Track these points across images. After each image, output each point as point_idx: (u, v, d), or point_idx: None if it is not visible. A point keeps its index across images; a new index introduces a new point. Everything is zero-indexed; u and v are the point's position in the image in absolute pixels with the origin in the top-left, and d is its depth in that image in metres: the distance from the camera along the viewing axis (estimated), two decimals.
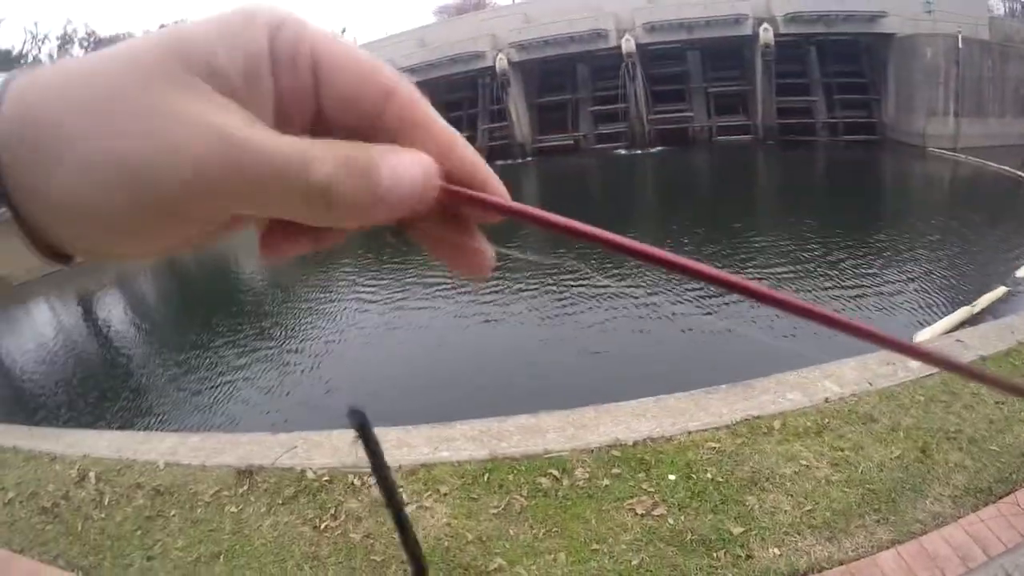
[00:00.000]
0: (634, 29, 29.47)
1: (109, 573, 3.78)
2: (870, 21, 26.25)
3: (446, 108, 36.67)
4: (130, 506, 4.36)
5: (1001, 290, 8.22)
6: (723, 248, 12.92)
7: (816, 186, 22.59)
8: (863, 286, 9.73)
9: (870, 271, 10.43)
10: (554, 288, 11.45)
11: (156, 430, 7.63)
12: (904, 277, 10.00)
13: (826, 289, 9.76)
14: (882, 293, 9.39)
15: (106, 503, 4.43)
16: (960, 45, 23.41)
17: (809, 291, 9.77)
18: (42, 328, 17.45)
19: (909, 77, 24.81)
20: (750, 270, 11.26)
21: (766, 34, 26.88)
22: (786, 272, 10.90)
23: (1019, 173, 16.95)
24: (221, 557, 3.73)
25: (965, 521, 3.20)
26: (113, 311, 18.41)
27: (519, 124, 32.84)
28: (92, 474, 4.76)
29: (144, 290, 21.02)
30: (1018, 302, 8.00)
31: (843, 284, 9.87)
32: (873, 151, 25.12)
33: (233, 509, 4.12)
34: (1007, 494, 3.34)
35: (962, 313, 7.62)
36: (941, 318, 7.74)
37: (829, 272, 10.53)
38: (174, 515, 4.19)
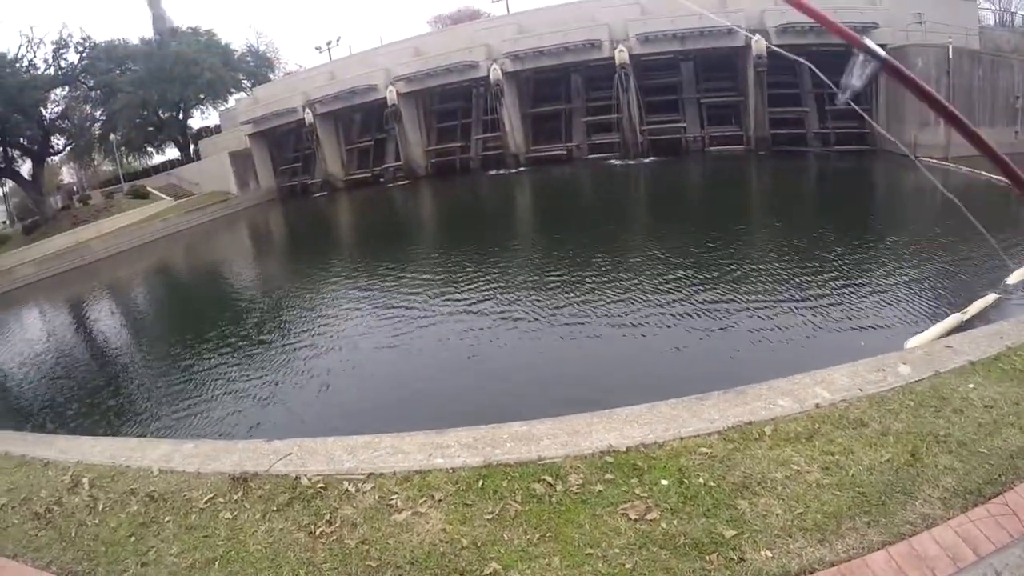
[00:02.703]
0: (628, 40, 29.74)
1: None
2: (862, 32, 26.44)
3: (439, 117, 37.00)
4: (124, 512, 4.37)
5: (992, 297, 8.27)
6: (717, 254, 13.00)
7: (807, 195, 22.76)
8: (854, 294, 9.79)
9: (861, 279, 10.50)
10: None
11: (150, 437, 7.62)
12: (895, 284, 10.06)
13: (818, 297, 9.82)
14: (874, 301, 9.45)
15: (100, 509, 4.44)
16: (951, 55, 23.76)
17: (800, 300, 9.84)
18: (33, 334, 17.40)
19: (898, 88, 25.00)
20: (743, 273, 11.36)
21: (758, 45, 27.14)
22: (778, 278, 10.97)
23: (1007, 182, 17.05)
24: (216, 563, 3.74)
25: (955, 522, 3.22)
26: (105, 317, 18.39)
27: (512, 134, 33.04)
28: (85, 480, 4.77)
29: (137, 297, 21.01)
30: (1008, 308, 8.06)
31: (834, 292, 9.93)
32: (865, 161, 25.37)
33: (228, 516, 4.13)
34: (996, 495, 3.36)
35: (953, 320, 7.68)
36: (932, 325, 7.80)
37: (820, 280, 10.59)
38: (168, 521, 4.20)
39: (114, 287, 22.04)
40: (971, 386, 4.33)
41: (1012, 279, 8.91)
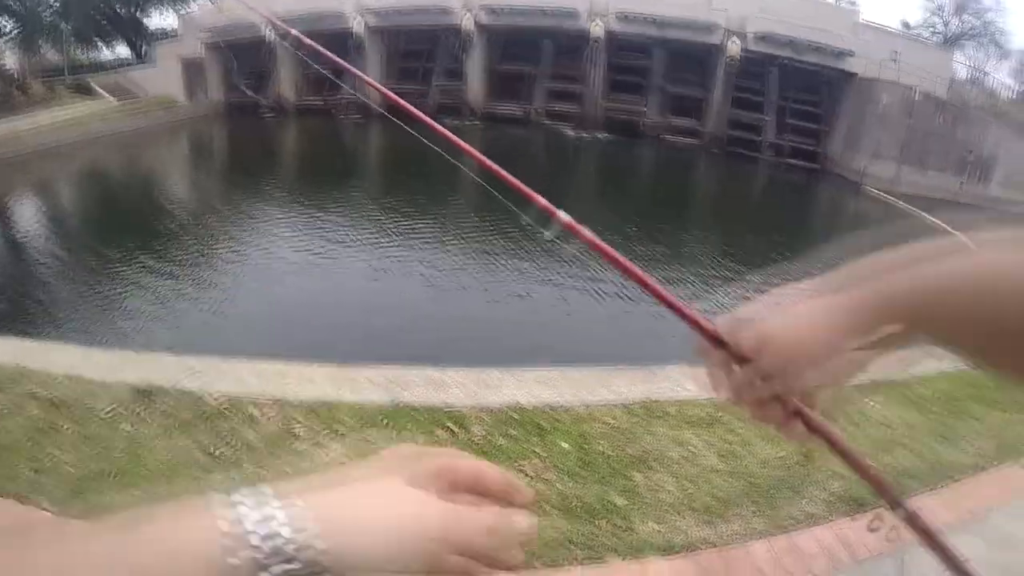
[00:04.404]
0: (607, 15, 29.54)
1: None
2: (837, 57, 27.20)
3: (403, 58, 36.04)
4: (22, 416, 4.18)
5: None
6: (639, 240, 13.30)
7: (751, 200, 23.40)
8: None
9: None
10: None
11: (60, 341, 7.37)
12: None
13: (738, 299, 10.17)
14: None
15: None
16: (916, 98, 24.50)
17: (721, 299, 10.17)
18: None
19: (861, 117, 25.88)
20: (660, 266, 11.69)
21: (734, 47, 27.42)
22: (687, 273, 11.34)
23: (945, 226, 17.86)
24: (112, 476, 3.66)
25: (836, 525, 3.40)
26: (27, 215, 17.52)
27: (473, 87, 32.57)
28: None
29: (64, 198, 20.05)
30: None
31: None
32: (812, 179, 26.11)
33: (128, 428, 4.05)
34: (879, 507, 3.59)
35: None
36: None
37: (741, 287, 10.95)
38: (67, 429, 4.06)
39: (42, 185, 20.93)
40: (871, 404, 4.57)
41: None
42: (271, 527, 0.40)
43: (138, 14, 43.78)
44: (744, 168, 27.38)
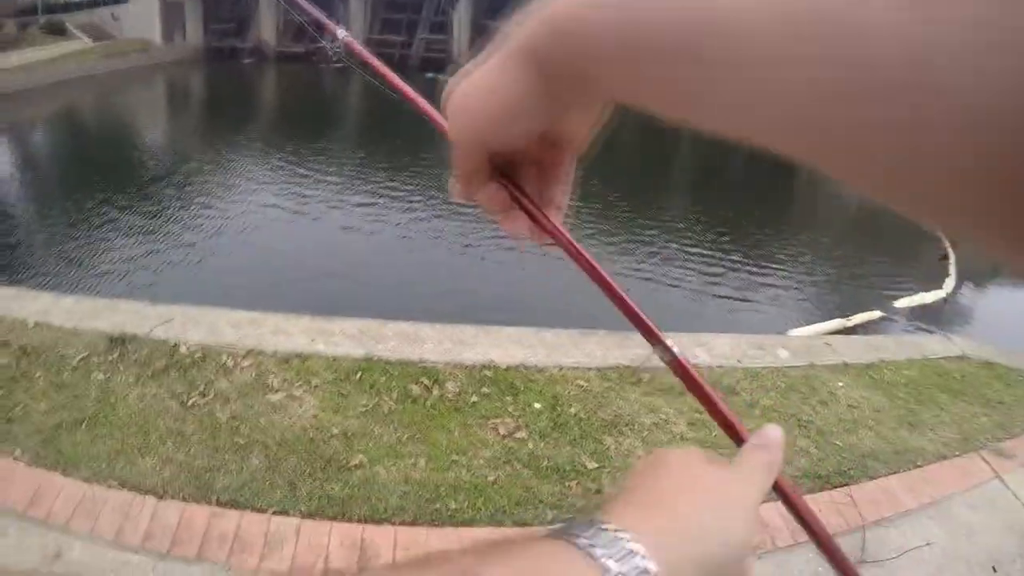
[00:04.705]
0: None
1: None
2: None
3: (387, 8, 35.13)
4: None
5: (877, 313, 8.81)
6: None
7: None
8: (751, 276, 10.25)
9: (756, 266, 10.91)
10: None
11: (31, 288, 7.28)
12: (790, 276, 10.61)
13: (719, 269, 10.28)
14: (767, 286, 9.95)
15: None
16: None
17: (702, 268, 10.27)
18: None
19: None
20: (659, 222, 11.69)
21: None
22: (690, 242, 11.39)
23: None
24: (84, 424, 3.66)
25: (799, 501, 3.52)
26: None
27: (459, 40, 31.95)
28: None
29: (34, 142, 19.55)
30: (889, 327, 8.62)
31: (733, 269, 10.35)
32: None
33: (101, 376, 4.04)
34: (842, 485, 3.65)
35: (836, 323, 8.16)
36: (817, 322, 8.30)
37: (726, 255, 11.06)
38: (39, 377, 4.04)
39: (11, 128, 20.33)
40: (840, 384, 4.65)
41: (900, 303, 9.47)
42: (636, 564, 0.34)
43: None
44: None
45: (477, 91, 0.43)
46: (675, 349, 0.52)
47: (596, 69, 0.36)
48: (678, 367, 0.52)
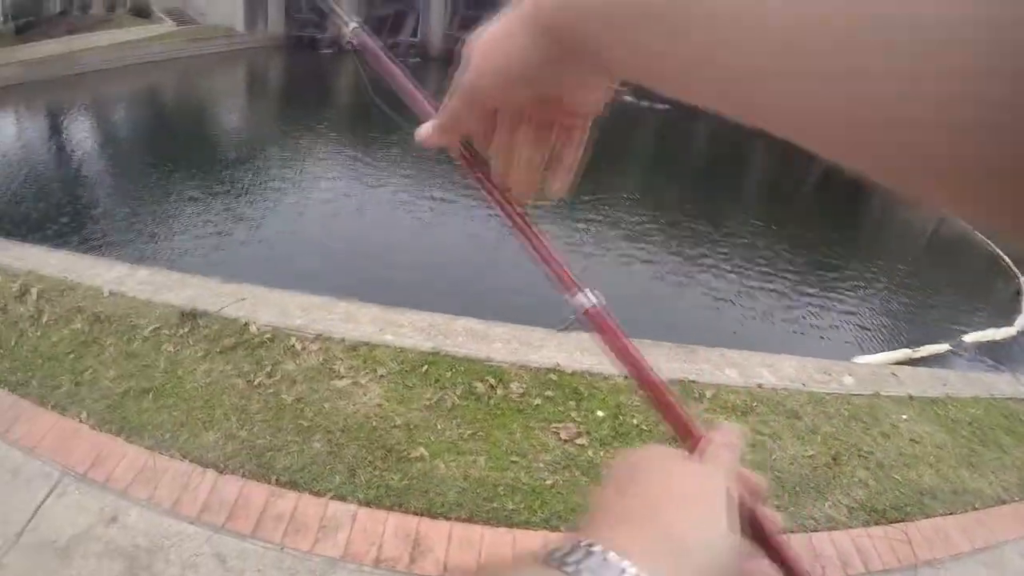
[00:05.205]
0: None
1: (35, 392, 3.73)
2: None
3: (468, 4, 35.07)
4: (67, 328, 4.28)
5: (944, 347, 8.45)
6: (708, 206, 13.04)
7: (809, 195, 22.73)
8: (820, 299, 9.93)
9: (825, 290, 10.59)
10: None
11: (107, 257, 7.51)
12: (860, 302, 10.25)
13: (789, 292, 10.00)
14: (836, 311, 9.63)
15: (44, 322, 4.34)
16: None
17: (772, 289, 9.98)
18: (5, 138, 16.80)
19: None
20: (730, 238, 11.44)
21: None
22: (762, 259, 11.08)
23: (999, 251, 16.92)
24: (151, 394, 3.73)
25: (854, 532, 3.38)
26: (81, 133, 17.82)
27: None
28: (34, 290, 4.64)
29: (117, 118, 20.35)
30: (955, 362, 8.25)
31: (802, 293, 10.05)
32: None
33: (170, 349, 4.11)
34: (898, 521, 3.52)
35: (902, 354, 7.84)
36: (883, 352, 7.98)
37: (797, 277, 10.76)
38: (110, 344, 4.14)
39: (98, 104, 21.21)
40: (904, 417, 4.45)
41: (969, 338, 9.07)
42: None
43: None
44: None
45: (493, 51, 0.44)
46: (595, 299, 0.51)
47: (593, 41, 0.37)
48: (594, 319, 0.51)
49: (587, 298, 0.52)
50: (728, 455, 0.47)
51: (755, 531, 0.47)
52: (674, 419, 0.50)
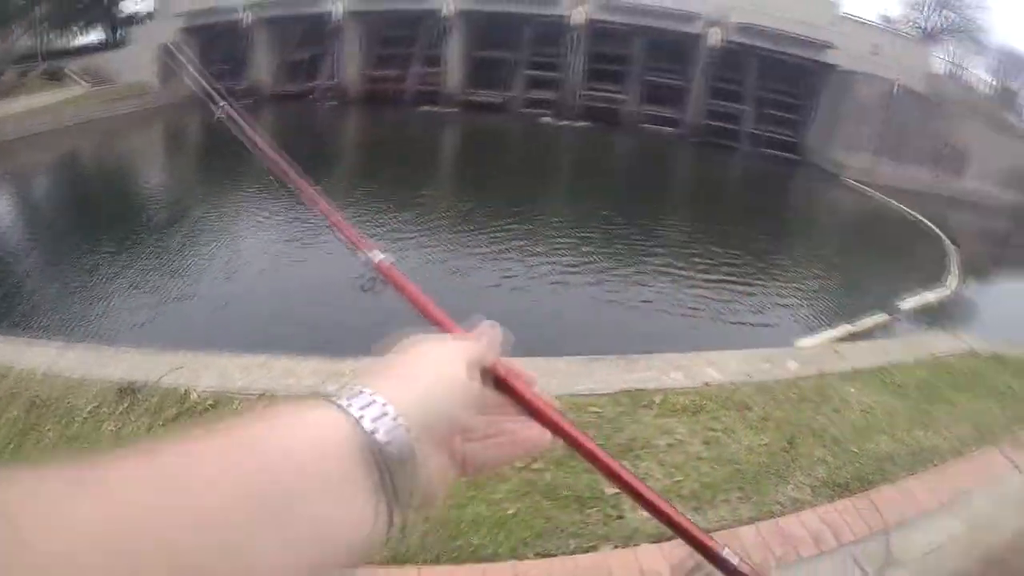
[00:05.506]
0: (587, 2, 29.44)
1: None
2: (819, 50, 27.39)
3: (383, 44, 35.51)
4: (3, 417, 4.09)
5: (882, 316, 8.81)
6: (625, 233, 13.35)
7: (728, 190, 23.57)
8: (752, 293, 10.28)
9: (761, 279, 11.01)
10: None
11: (38, 336, 7.25)
12: (796, 289, 10.63)
13: (716, 289, 10.28)
14: (773, 300, 9.97)
15: None
16: (895, 91, 24.77)
17: (705, 289, 10.29)
18: None
19: (840, 108, 26.16)
20: (652, 252, 11.75)
21: (714, 37, 27.47)
22: (679, 267, 11.39)
23: (920, 217, 18.18)
24: None
25: (821, 509, 3.44)
26: (1, 206, 17.12)
27: (452, 73, 32.38)
28: None
29: (35, 190, 19.63)
30: (895, 329, 8.61)
31: (733, 289, 10.37)
32: (789, 169, 26.35)
33: (112, 427, 3.95)
34: (862, 491, 3.61)
35: (842, 330, 8.17)
36: (823, 330, 8.31)
37: (722, 274, 11.06)
38: (49, 430, 3.93)
39: (15, 176, 20.43)
40: (851, 390, 4.62)
41: (905, 304, 9.48)
42: (377, 411, 0.47)
43: None
44: (722, 158, 27.53)
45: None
46: (383, 256, 0.68)
47: None
48: (385, 272, 0.68)
49: (377, 254, 0.68)
50: (478, 338, 0.60)
51: (502, 386, 0.60)
52: (439, 322, 0.67)
